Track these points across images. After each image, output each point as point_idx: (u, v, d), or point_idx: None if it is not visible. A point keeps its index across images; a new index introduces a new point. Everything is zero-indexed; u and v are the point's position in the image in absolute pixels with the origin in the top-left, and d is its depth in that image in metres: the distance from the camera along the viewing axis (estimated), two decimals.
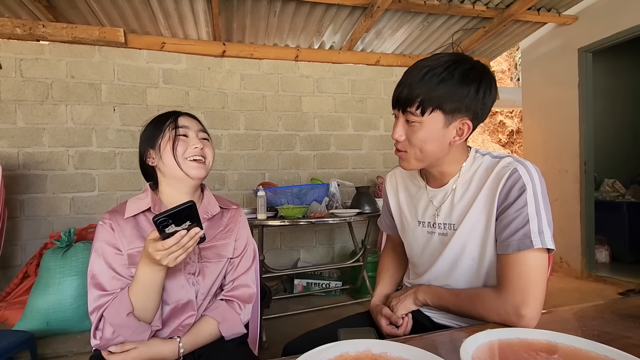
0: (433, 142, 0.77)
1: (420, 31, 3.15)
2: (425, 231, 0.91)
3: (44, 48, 2.67)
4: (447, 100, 0.74)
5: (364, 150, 3.47)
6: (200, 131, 0.94)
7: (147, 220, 0.89)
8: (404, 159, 0.83)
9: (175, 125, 0.90)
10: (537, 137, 3.76)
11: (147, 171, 0.97)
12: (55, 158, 2.71)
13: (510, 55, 7.41)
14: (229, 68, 3.09)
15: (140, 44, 2.84)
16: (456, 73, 0.74)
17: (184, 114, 0.95)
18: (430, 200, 0.89)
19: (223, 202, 1.02)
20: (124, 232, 0.86)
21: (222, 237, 0.95)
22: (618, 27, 2.91)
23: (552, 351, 0.52)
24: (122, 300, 0.77)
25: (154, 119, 0.95)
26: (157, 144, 0.90)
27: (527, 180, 0.73)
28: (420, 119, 0.76)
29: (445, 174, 0.86)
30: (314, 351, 0.53)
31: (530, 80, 3.85)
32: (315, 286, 2.96)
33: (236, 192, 3.09)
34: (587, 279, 3.23)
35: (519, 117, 6.98)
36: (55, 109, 2.70)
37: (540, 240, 0.71)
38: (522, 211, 0.72)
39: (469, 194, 0.82)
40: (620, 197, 3.69)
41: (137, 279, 0.77)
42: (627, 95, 4.10)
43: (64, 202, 2.73)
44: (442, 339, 0.68)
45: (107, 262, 0.82)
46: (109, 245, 0.84)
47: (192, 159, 0.89)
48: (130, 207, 0.89)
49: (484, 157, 0.84)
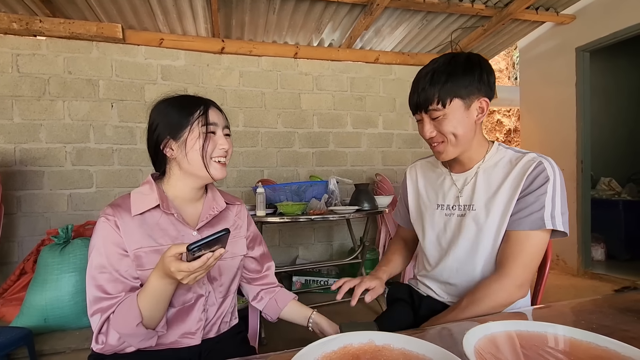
0: (462, 126, 0.86)
1: (419, 29, 3.15)
2: (443, 214, 0.97)
3: (41, 43, 2.65)
4: (460, 87, 0.84)
5: (363, 148, 3.47)
6: (226, 127, 0.88)
7: (153, 217, 0.82)
8: (442, 150, 0.90)
9: (206, 121, 0.83)
10: (535, 135, 3.78)
11: (158, 159, 0.87)
12: (53, 154, 2.69)
13: (508, 54, 7.43)
14: (228, 65, 3.08)
15: (138, 40, 2.82)
16: (458, 65, 0.85)
17: (212, 105, 0.86)
18: (453, 183, 0.97)
19: (227, 197, 0.99)
20: (130, 231, 0.79)
21: (232, 235, 0.91)
22: (615, 26, 2.93)
23: (554, 343, 0.52)
24: (131, 309, 0.73)
25: (177, 102, 0.85)
26: (182, 136, 0.82)
27: (550, 172, 0.82)
28: (444, 111, 0.85)
29: (472, 159, 0.94)
30: (317, 343, 0.53)
31: (527, 79, 3.87)
32: (313, 283, 2.97)
33: (235, 189, 3.09)
34: (583, 276, 3.26)
35: (517, 116, 7.00)
36: (53, 105, 2.68)
37: (552, 223, 0.80)
38: (540, 197, 0.81)
39: (492, 180, 0.89)
40: (616, 196, 3.72)
41: (149, 290, 0.72)
42: (623, 94, 4.13)
43: (62, 198, 2.72)
44: (445, 331, 0.68)
45: (111, 262, 0.76)
46: (113, 245, 0.77)
47: (217, 160, 0.85)
48: (137, 203, 0.82)
49: (507, 150, 0.92)
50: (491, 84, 0.88)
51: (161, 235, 0.82)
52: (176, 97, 0.87)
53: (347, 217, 2.34)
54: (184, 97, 0.87)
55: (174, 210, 0.84)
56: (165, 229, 0.83)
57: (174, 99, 0.86)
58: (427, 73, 0.86)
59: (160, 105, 0.86)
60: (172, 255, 0.66)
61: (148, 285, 0.73)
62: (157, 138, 0.84)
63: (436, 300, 0.99)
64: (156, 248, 0.80)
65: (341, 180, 2.53)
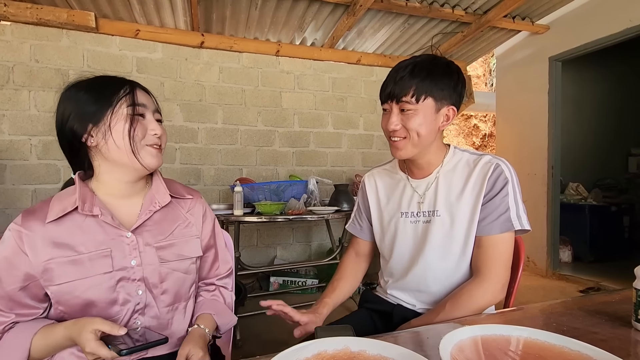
0: (427, 126, 0.85)
1: (401, 32, 3.18)
2: (408, 221, 0.94)
3: (5, 29, 2.49)
4: (436, 87, 0.84)
5: (343, 149, 3.48)
6: (156, 112, 0.78)
7: (74, 222, 0.71)
8: (401, 147, 0.88)
9: (132, 102, 0.72)
10: (509, 140, 3.91)
11: (76, 154, 0.75)
12: (16, 147, 2.53)
13: (486, 61, 7.66)
14: (207, 60, 3.00)
15: (112, 29, 2.70)
16: (439, 66, 0.86)
17: (139, 86, 0.76)
18: (414, 189, 0.95)
19: (176, 189, 0.85)
20: (38, 242, 0.68)
21: (181, 234, 0.81)
22: (585, 38, 3.06)
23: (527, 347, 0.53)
24: (18, 348, 0.65)
25: (96, 83, 0.73)
26: (104, 120, 0.70)
27: (508, 174, 0.85)
28: (416, 106, 0.84)
29: (431, 164, 0.93)
30: (291, 350, 0.51)
31: (503, 85, 3.99)
32: (291, 284, 2.94)
33: (212, 188, 3.01)
34: (552, 277, 3.39)
35: (493, 121, 7.23)
36: (17, 95, 2.53)
37: (519, 223, 0.83)
38: (504, 200, 0.84)
39: (453, 183, 0.90)
40: (583, 200, 3.91)
41: (50, 342, 0.66)
42: (592, 104, 4.34)
43: (25, 193, 2.56)
44: (421, 337, 0.68)
45: (3, 281, 0.67)
46: (8, 265, 0.67)
47: (150, 145, 0.74)
48: (55, 207, 0.70)
49: (464, 152, 0.94)
50: (462, 95, 0.89)
51: (83, 242, 0.70)
52: (91, 78, 0.75)
53: (326, 218, 2.34)
54: (102, 78, 0.75)
55: (100, 211, 0.72)
56: (91, 234, 0.71)
57: (89, 82, 0.74)
58: (408, 65, 0.85)
59: (71, 91, 0.73)
60: (93, 332, 0.60)
61: (51, 338, 0.66)
62: (74, 129, 0.71)
63: (407, 308, 0.95)
64: (72, 258, 0.69)
65: (321, 181, 2.52)
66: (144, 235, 0.76)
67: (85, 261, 0.70)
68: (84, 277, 0.69)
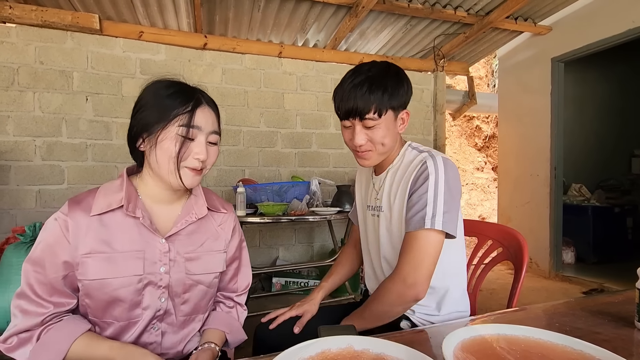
0: (390, 135, 0.89)
1: (403, 34, 3.19)
2: (370, 214, 1.02)
3: (11, 31, 2.51)
4: (394, 99, 0.87)
5: (346, 150, 3.48)
6: (212, 133, 0.75)
7: (115, 219, 0.72)
8: (369, 158, 0.92)
9: (188, 122, 0.71)
10: (512, 142, 3.90)
11: (133, 149, 0.77)
12: (21, 148, 2.55)
13: (488, 62, 7.65)
14: (210, 61, 3.02)
15: (116, 31, 2.72)
16: (391, 76, 0.88)
17: (204, 103, 0.75)
18: (374, 185, 1.02)
19: (212, 201, 0.86)
20: (82, 233, 0.69)
21: (210, 247, 0.81)
22: (588, 39, 3.06)
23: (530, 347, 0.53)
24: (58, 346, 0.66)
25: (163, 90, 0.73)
26: (155, 132, 0.70)
27: (431, 171, 0.85)
28: (379, 121, 0.86)
29: (387, 162, 0.97)
30: (295, 348, 0.51)
31: (505, 87, 3.99)
32: (293, 285, 2.94)
33: (215, 189, 3.02)
34: (554, 278, 3.38)
35: (495, 123, 7.22)
36: (22, 96, 2.55)
37: (432, 223, 0.81)
38: (423, 197, 0.84)
39: (395, 181, 0.94)
40: (585, 202, 3.89)
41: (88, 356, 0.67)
42: (594, 105, 4.33)
43: (29, 194, 2.58)
44: (423, 335, 0.68)
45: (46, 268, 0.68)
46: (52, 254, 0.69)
47: (190, 167, 0.73)
48: (100, 201, 0.72)
49: (413, 151, 0.96)
50: (409, 95, 0.92)
51: (121, 240, 0.72)
52: (168, 82, 0.76)
53: (328, 219, 2.34)
54: (174, 85, 0.75)
55: (140, 213, 0.73)
56: (128, 234, 0.73)
57: (165, 85, 0.75)
58: (364, 82, 0.85)
59: (149, 89, 0.75)
60: None
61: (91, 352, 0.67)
62: (133, 130, 0.74)
63: None
64: (108, 255, 0.70)
65: (323, 182, 2.52)
66: (176, 243, 0.77)
67: (119, 260, 0.71)
68: (116, 275, 0.70)
